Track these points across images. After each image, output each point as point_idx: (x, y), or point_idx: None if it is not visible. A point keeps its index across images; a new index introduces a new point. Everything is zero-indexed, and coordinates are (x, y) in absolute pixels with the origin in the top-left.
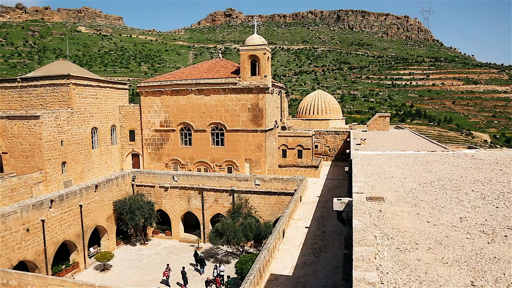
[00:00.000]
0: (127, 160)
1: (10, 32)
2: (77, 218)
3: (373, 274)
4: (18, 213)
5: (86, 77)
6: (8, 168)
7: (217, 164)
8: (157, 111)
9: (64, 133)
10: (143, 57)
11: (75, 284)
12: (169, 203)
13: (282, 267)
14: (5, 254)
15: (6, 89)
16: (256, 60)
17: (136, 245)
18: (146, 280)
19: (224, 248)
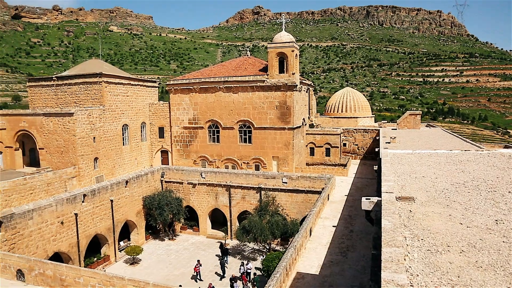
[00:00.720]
0: (156, 157)
1: (47, 32)
2: (108, 213)
3: (403, 276)
4: (53, 207)
5: (117, 75)
6: (44, 163)
7: (245, 162)
8: (185, 108)
9: (96, 129)
10: (172, 55)
11: (106, 276)
12: (197, 200)
13: (308, 266)
14: (42, 245)
15: (43, 87)
16: (284, 57)
17: (164, 240)
18: (174, 275)
19: (250, 245)
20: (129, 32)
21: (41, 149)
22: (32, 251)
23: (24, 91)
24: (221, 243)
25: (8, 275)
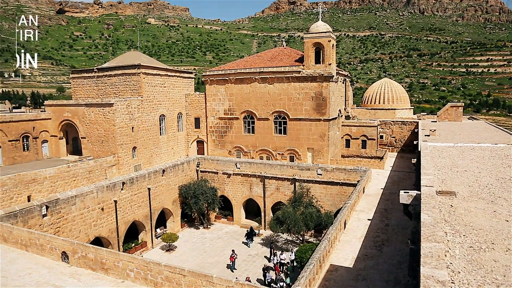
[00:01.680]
0: (192, 147)
1: (88, 26)
2: (145, 200)
3: (443, 272)
4: (94, 193)
5: (155, 66)
6: (86, 152)
7: (279, 153)
8: (221, 99)
9: (134, 120)
10: (208, 46)
11: (143, 261)
12: (231, 190)
13: (342, 259)
14: (84, 230)
15: (85, 79)
16: (320, 47)
17: (199, 228)
18: (208, 263)
19: (284, 236)
20: (166, 24)
21: (83, 138)
22: (75, 235)
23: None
24: (251, 227)
25: (54, 256)
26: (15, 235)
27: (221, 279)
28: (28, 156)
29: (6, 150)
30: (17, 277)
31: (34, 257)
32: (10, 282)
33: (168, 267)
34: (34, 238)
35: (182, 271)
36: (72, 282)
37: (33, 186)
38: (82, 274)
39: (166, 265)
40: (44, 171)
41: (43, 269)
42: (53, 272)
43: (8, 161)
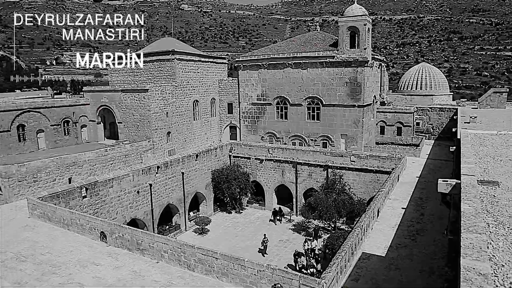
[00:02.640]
0: (225, 132)
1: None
2: (179, 184)
3: (485, 264)
4: (131, 177)
5: (188, 52)
6: (122, 136)
7: (312, 139)
8: (254, 84)
9: (169, 105)
10: (241, 32)
11: (177, 243)
12: (263, 175)
13: (375, 247)
14: (121, 211)
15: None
16: (355, 31)
17: (231, 213)
18: (239, 247)
19: (315, 223)
20: (199, 10)
21: (120, 123)
22: (112, 216)
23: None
24: (280, 208)
25: (93, 236)
26: (58, 214)
27: (252, 263)
28: (68, 140)
29: (49, 134)
30: (61, 254)
31: (75, 236)
32: (54, 258)
33: (200, 249)
34: (75, 218)
35: (214, 254)
36: (110, 261)
37: (73, 168)
38: (120, 253)
39: (199, 248)
40: (84, 155)
41: (83, 247)
42: (92, 250)
43: (50, 144)
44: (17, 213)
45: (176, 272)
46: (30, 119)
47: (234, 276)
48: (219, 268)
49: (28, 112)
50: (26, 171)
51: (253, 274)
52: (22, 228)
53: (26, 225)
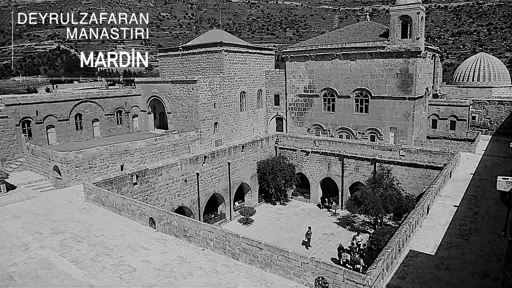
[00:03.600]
0: (271, 123)
1: (173, 6)
2: (225, 174)
3: None
4: (179, 166)
5: (236, 43)
6: (171, 126)
7: (360, 132)
8: (301, 76)
9: (216, 96)
10: (288, 22)
11: (222, 232)
12: (309, 167)
13: (423, 245)
14: (169, 199)
15: (171, 57)
16: (407, 20)
17: (276, 204)
18: (283, 238)
19: (361, 217)
20: (247, 1)
21: (169, 113)
22: (161, 203)
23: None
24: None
25: (143, 221)
26: (110, 200)
27: (296, 255)
28: (121, 129)
29: (103, 123)
30: (113, 237)
31: (126, 220)
32: (107, 240)
33: (245, 239)
34: (126, 204)
35: (258, 244)
36: (158, 246)
37: (125, 156)
38: (167, 239)
39: (244, 237)
40: (135, 143)
41: (133, 232)
42: (142, 235)
43: (104, 133)
44: (75, 196)
45: (221, 260)
46: (86, 109)
47: (278, 267)
48: (263, 258)
49: (85, 102)
50: (83, 157)
51: (297, 266)
52: (79, 211)
53: (82, 208)
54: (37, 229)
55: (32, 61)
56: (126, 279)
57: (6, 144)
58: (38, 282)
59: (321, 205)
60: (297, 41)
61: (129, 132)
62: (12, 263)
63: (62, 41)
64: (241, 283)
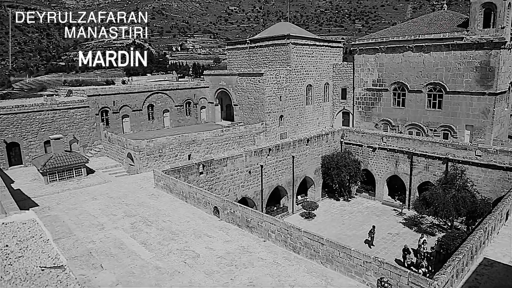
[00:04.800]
0: (337, 118)
1: (242, 0)
2: (289, 167)
3: None
4: (243, 157)
5: (303, 36)
6: (237, 118)
7: (431, 128)
8: (370, 69)
9: (282, 89)
10: (357, 14)
11: (284, 224)
12: (375, 164)
13: (500, 254)
14: (233, 189)
15: (238, 50)
16: (491, 8)
17: (339, 200)
18: (345, 235)
19: (429, 219)
20: None
21: (235, 105)
22: (225, 193)
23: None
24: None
25: (207, 210)
26: (178, 187)
27: (359, 253)
28: (189, 120)
29: (173, 114)
30: (179, 223)
31: (192, 208)
32: (174, 226)
33: (307, 233)
34: (193, 192)
35: (320, 239)
36: (221, 235)
37: (193, 146)
38: (230, 228)
39: (306, 232)
40: (202, 134)
41: (198, 219)
42: (206, 223)
43: (174, 123)
44: (145, 182)
45: (282, 253)
46: (158, 100)
47: (339, 264)
48: (324, 254)
49: (156, 94)
50: (154, 146)
51: (359, 264)
52: (149, 196)
53: (152, 194)
54: (112, 211)
55: None
56: (190, 264)
57: (87, 132)
58: (112, 260)
59: None
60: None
61: (197, 123)
62: (90, 240)
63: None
64: (301, 277)
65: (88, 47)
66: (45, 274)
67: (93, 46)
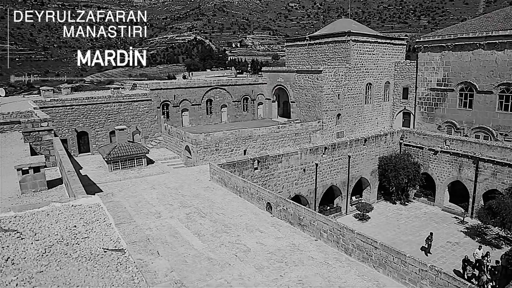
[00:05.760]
0: (397, 118)
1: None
2: (344, 167)
3: None
4: (298, 155)
5: (364, 33)
6: (294, 115)
7: (502, 133)
8: (435, 68)
9: (341, 87)
10: (423, 10)
11: (337, 225)
12: (436, 168)
13: None
14: (286, 186)
15: (297, 47)
16: None
17: (395, 203)
18: (400, 240)
19: (494, 230)
20: None
21: (292, 103)
22: (278, 189)
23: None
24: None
25: (260, 205)
26: (232, 181)
27: (414, 260)
28: (246, 116)
29: (231, 109)
30: (232, 216)
31: (245, 202)
32: (227, 219)
33: (360, 235)
34: (247, 187)
35: (374, 242)
36: (273, 231)
37: (248, 142)
38: (282, 225)
39: (359, 234)
40: (258, 130)
41: (251, 214)
42: (258, 218)
43: (231, 118)
44: (201, 175)
45: (333, 253)
46: (216, 95)
47: (392, 269)
48: (377, 258)
49: (215, 89)
50: (211, 140)
51: (413, 272)
52: (204, 188)
53: (207, 186)
54: (168, 200)
55: (173, 51)
56: (241, 257)
57: (149, 124)
58: (166, 248)
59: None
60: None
61: (254, 119)
62: (147, 227)
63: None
64: (352, 279)
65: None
66: (107, 255)
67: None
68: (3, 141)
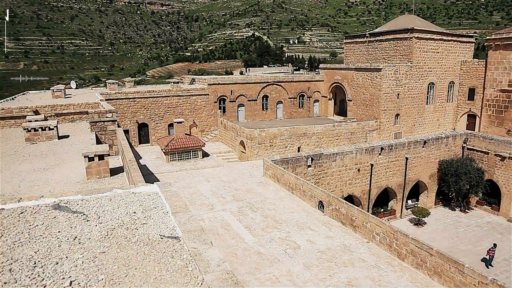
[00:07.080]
0: (461, 120)
1: None
2: (401, 169)
3: None
4: (353, 154)
5: (429, 30)
6: (350, 114)
7: None
8: (507, 67)
9: (401, 86)
10: (496, 4)
11: (391, 228)
12: (503, 175)
13: None
14: (339, 186)
15: (356, 44)
16: None
17: (454, 210)
18: (458, 249)
19: None
20: None
21: (349, 101)
22: (331, 188)
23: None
24: None
25: (312, 203)
26: (285, 178)
27: (474, 272)
28: (301, 113)
29: (286, 106)
30: (283, 212)
31: (297, 199)
32: (278, 215)
33: (415, 241)
34: (299, 184)
35: (429, 249)
36: (324, 230)
37: (303, 139)
38: (333, 225)
39: (414, 239)
40: (313, 127)
41: (302, 212)
42: (310, 216)
43: (286, 115)
44: (254, 170)
45: (385, 257)
46: (272, 91)
47: (448, 279)
48: (432, 266)
49: (271, 85)
50: (265, 135)
51: (472, 283)
52: (257, 184)
53: (260, 182)
54: (222, 193)
55: (231, 47)
56: (290, 254)
57: (206, 118)
58: (218, 239)
59: None
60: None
61: (309, 116)
62: (201, 218)
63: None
64: (404, 285)
65: (211, 39)
66: (164, 242)
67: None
68: (73, 130)
